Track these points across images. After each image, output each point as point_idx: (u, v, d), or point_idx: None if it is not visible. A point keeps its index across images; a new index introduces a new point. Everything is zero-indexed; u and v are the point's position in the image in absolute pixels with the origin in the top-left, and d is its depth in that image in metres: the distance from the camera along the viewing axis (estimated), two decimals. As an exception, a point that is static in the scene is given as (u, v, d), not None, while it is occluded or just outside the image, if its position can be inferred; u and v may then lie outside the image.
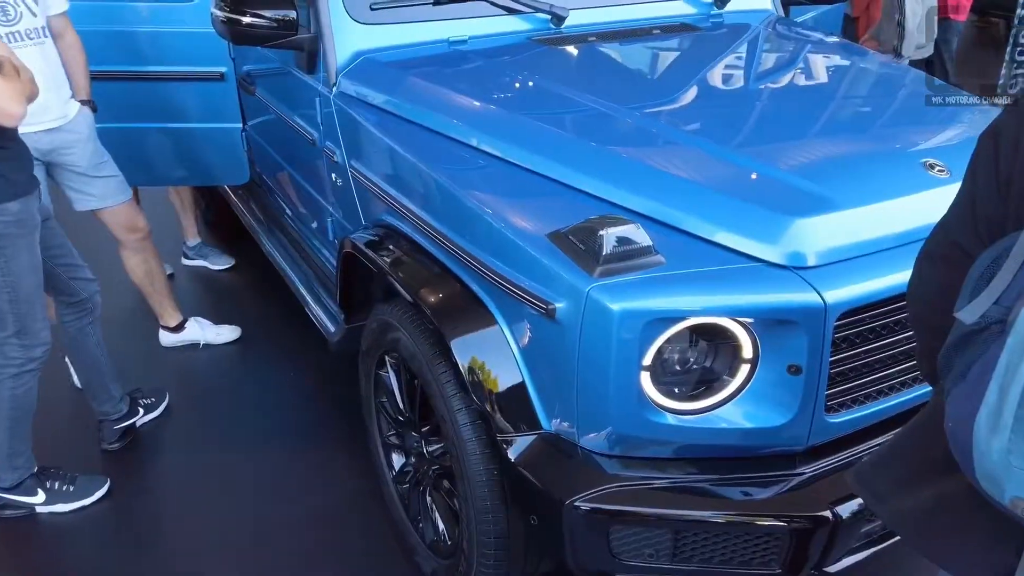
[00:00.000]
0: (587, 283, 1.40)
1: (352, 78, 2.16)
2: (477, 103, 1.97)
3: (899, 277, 1.46)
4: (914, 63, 3.91)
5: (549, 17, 2.39)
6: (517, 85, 2.06)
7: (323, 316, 2.55)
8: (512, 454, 1.56)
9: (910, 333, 1.55)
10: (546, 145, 1.76)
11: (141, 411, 2.71)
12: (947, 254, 0.97)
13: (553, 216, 1.59)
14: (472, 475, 1.70)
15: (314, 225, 2.69)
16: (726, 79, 2.20)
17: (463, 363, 1.60)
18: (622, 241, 1.41)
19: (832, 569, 1.54)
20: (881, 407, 1.56)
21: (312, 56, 2.26)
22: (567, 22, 2.39)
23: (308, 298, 2.65)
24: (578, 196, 1.65)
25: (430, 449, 1.99)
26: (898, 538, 1.60)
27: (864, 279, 1.43)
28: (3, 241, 2.05)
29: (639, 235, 1.42)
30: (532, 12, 2.38)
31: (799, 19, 3.11)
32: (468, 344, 1.61)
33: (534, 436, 1.57)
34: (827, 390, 1.47)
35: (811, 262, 1.43)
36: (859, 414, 1.54)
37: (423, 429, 2.00)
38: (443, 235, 1.72)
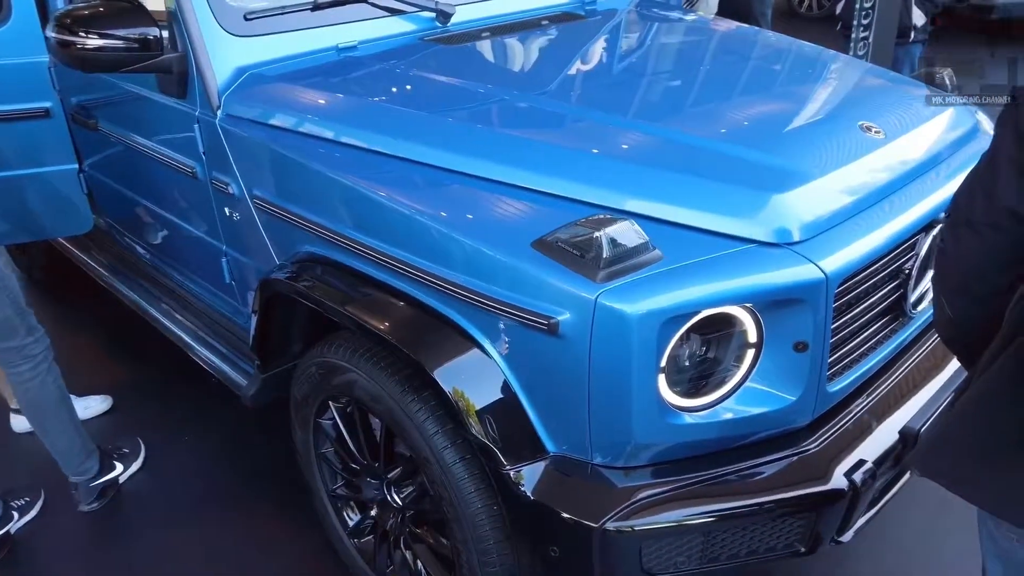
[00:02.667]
0: (593, 290, 1.30)
1: (239, 98, 1.91)
2: (397, 111, 1.81)
3: (876, 238, 1.49)
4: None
5: (435, 16, 2.26)
6: (433, 88, 1.91)
7: (227, 369, 2.26)
8: (526, 486, 1.43)
9: (889, 288, 1.59)
10: (493, 148, 1.63)
11: (16, 515, 2.29)
12: (996, 221, 0.96)
13: (522, 223, 1.48)
14: (471, 515, 1.55)
15: (199, 269, 2.38)
16: (641, 63, 2.17)
17: (451, 394, 1.45)
18: (620, 241, 1.33)
19: (844, 538, 1.55)
20: (869, 365, 1.59)
21: (183, 78, 1.97)
22: (453, 19, 2.27)
23: (203, 351, 2.34)
24: (536, 197, 1.54)
25: (401, 495, 1.81)
26: (890, 498, 1.65)
27: (850, 245, 1.44)
28: None
29: (635, 232, 1.34)
30: (417, 11, 2.23)
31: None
32: (453, 373, 1.46)
33: (544, 462, 1.45)
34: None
35: (797, 237, 1.42)
36: (853, 377, 1.56)
37: (390, 475, 1.81)
38: (399, 260, 1.55)
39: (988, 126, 1.98)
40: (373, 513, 1.94)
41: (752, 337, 1.41)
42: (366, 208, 1.61)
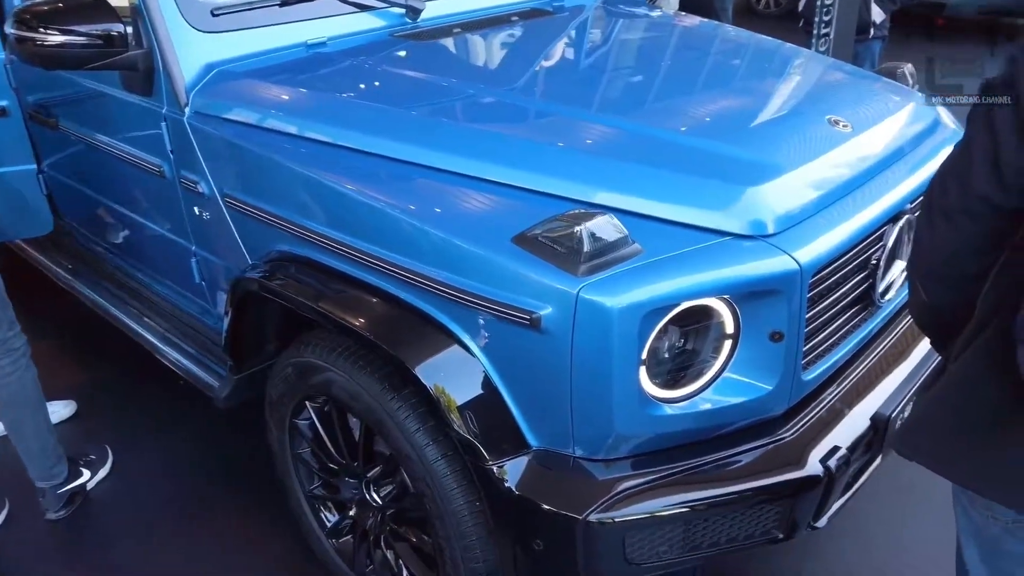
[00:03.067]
0: (574, 284, 1.31)
1: (208, 95, 1.87)
2: (371, 107, 1.80)
3: (847, 229, 1.53)
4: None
5: (404, 12, 2.25)
6: (406, 84, 1.90)
7: (198, 371, 2.22)
8: (510, 480, 1.43)
9: (859, 279, 1.63)
10: (467, 143, 1.63)
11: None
12: (970, 208, 0.99)
13: (500, 218, 1.48)
14: (454, 511, 1.55)
15: (166, 270, 2.34)
16: (611, 59, 2.19)
17: (432, 391, 1.45)
18: (600, 235, 1.34)
19: (819, 524, 1.58)
20: (841, 354, 1.63)
21: (148, 75, 1.93)
22: (422, 15, 2.27)
23: (173, 353, 2.30)
24: (512, 193, 1.54)
25: (381, 494, 1.80)
26: (862, 483, 1.69)
27: (822, 237, 1.47)
28: None
29: (614, 226, 1.35)
30: (387, 7, 2.22)
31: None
32: (434, 370, 1.46)
33: (527, 456, 1.46)
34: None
35: (771, 229, 1.44)
36: (826, 365, 1.59)
37: (369, 474, 1.80)
38: (376, 257, 1.54)
39: (948, 119, 2.03)
40: (352, 513, 1.93)
41: (729, 328, 1.43)
42: (342, 205, 1.60)
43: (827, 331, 1.58)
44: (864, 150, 1.69)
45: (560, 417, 1.42)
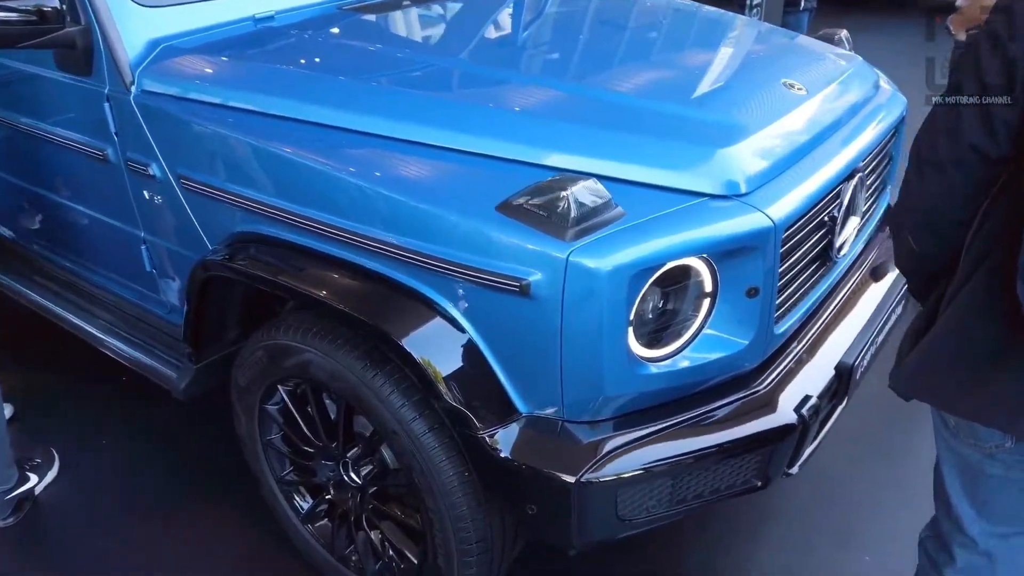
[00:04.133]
0: (563, 249, 1.32)
1: (155, 73, 1.79)
2: (332, 80, 1.75)
3: (811, 186, 1.59)
4: None
5: (350, -16, 2.20)
6: (364, 56, 1.86)
7: (154, 363, 2.14)
8: (502, 447, 1.44)
9: (819, 236, 1.70)
10: (434, 114, 1.61)
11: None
12: (961, 158, 1.05)
13: (478, 187, 1.47)
14: (443, 484, 1.55)
15: (111, 260, 2.23)
16: (569, 26, 2.19)
17: (421, 362, 1.44)
18: (584, 199, 1.35)
19: (792, 471, 1.66)
20: (805, 307, 1.70)
21: (87, 53, 1.83)
22: (368, -13, 2.22)
23: (123, 347, 2.21)
24: (485, 162, 1.53)
25: (362, 473, 1.79)
26: (827, 431, 1.78)
27: (790, 194, 1.52)
28: None
29: (598, 190, 1.37)
30: (333, -20, 2.16)
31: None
32: (422, 342, 1.45)
33: (517, 423, 1.47)
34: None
35: (743, 189, 1.48)
36: (794, 318, 1.66)
37: (349, 454, 1.78)
38: (353, 232, 1.51)
39: (885, 83, 2.14)
40: (329, 496, 1.90)
41: (708, 287, 1.47)
42: (316, 181, 1.56)
43: (794, 286, 1.65)
44: (818, 111, 1.76)
45: (549, 382, 1.44)
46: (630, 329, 1.40)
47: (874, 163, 1.91)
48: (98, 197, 2.09)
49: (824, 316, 1.81)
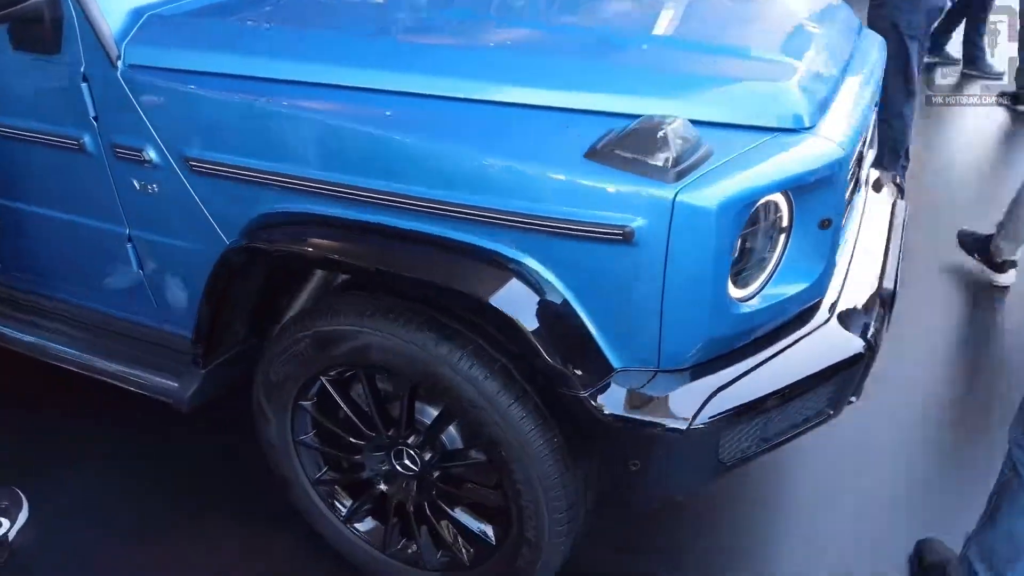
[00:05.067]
0: (668, 189, 1.28)
1: (146, 43, 1.60)
2: (377, 40, 1.62)
3: (857, 116, 1.62)
4: None
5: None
6: (399, 11, 1.73)
7: (151, 376, 1.92)
8: (607, 405, 1.39)
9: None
10: (497, 70, 1.51)
11: None
12: None
13: (555, 140, 1.40)
14: (534, 453, 1.49)
15: (87, 264, 1.98)
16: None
17: (516, 324, 1.36)
18: (678, 139, 1.31)
19: (855, 399, 1.69)
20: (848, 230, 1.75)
21: (56, 28, 1.61)
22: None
23: (112, 365, 1.97)
24: (554, 114, 1.45)
25: (425, 459, 1.68)
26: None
27: (847, 123, 1.55)
28: None
29: (688, 129, 1.34)
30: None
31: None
32: (512, 302, 1.37)
33: (615, 379, 1.42)
34: (837, 231, 1.58)
35: (808, 122, 1.48)
36: (841, 248, 1.69)
37: (408, 440, 1.67)
38: (429, 200, 1.40)
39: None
40: (382, 489, 1.79)
41: (785, 221, 1.47)
42: (371, 148, 1.43)
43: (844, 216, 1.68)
44: (835, 46, 1.80)
45: (647, 331, 1.40)
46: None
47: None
48: (68, 195, 1.85)
49: (852, 246, 1.87)
